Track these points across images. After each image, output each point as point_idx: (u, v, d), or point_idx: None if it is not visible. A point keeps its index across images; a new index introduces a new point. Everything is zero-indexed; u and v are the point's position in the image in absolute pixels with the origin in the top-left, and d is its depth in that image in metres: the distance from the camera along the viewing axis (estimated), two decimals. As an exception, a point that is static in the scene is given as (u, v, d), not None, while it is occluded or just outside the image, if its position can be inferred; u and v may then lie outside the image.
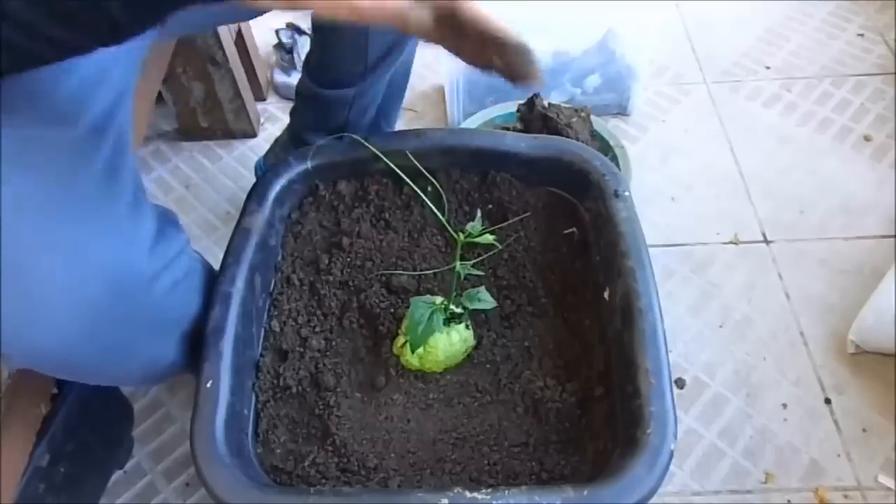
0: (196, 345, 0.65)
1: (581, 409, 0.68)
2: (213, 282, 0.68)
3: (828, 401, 0.88)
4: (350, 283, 0.78)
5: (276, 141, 1.05)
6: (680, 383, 0.90)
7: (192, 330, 0.65)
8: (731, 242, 1.05)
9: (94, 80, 0.56)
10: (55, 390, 0.71)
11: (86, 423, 0.75)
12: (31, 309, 0.50)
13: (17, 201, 0.49)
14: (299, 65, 1.27)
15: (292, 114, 0.99)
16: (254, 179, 0.99)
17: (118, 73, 0.59)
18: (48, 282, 0.50)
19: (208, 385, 0.62)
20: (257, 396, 0.69)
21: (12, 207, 0.49)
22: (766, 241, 1.05)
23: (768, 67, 1.32)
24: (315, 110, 0.91)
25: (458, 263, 0.68)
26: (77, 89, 0.55)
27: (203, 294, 0.67)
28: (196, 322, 0.65)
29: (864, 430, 0.86)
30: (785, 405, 0.88)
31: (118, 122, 0.58)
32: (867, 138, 1.18)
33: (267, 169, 0.86)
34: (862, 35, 1.37)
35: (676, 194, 1.12)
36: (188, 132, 1.22)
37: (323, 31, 0.84)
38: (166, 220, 0.63)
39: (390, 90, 0.93)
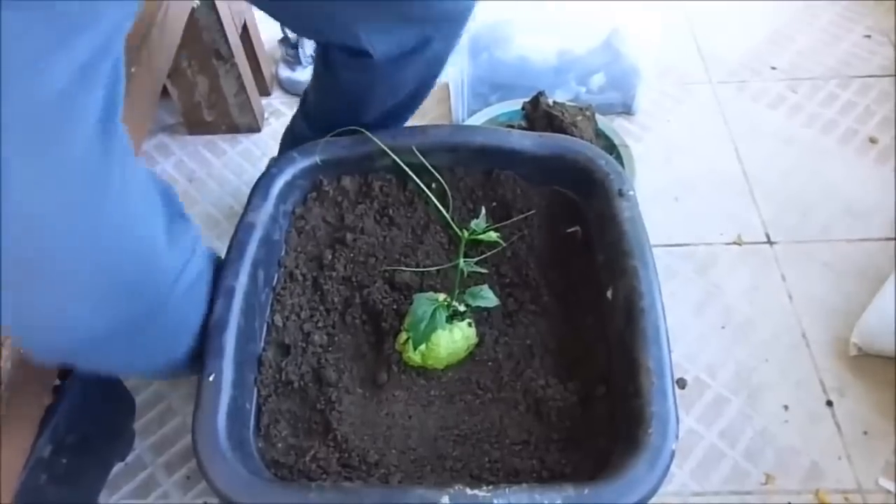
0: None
1: (582, 408, 0.68)
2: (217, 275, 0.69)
3: (829, 403, 0.88)
4: (353, 279, 0.78)
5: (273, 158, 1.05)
6: (681, 383, 0.90)
7: (200, 331, 0.65)
8: (734, 243, 1.05)
9: (78, 25, 0.46)
10: (58, 382, 0.71)
11: (88, 415, 0.75)
12: (55, 295, 0.51)
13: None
14: (304, 60, 1.26)
15: (283, 144, 0.98)
16: (257, 174, 0.99)
17: (110, 15, 0.49)
18: (69, 259, 0.50)
19: (210, 379, 0.62)
20: (259, 391, 0.69)
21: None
22: (770, 243, 1.05)
23: (774, 68, 1.32)
24: None
25: (461, 261, 0.68)
26: (57, 37, 0.45)
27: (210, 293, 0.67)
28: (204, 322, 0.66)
29: (865, 433, 0.85)
30: (786, 407, 0.88)
31: (110, 60, 0.50)
32: (872, 140, 1.18)
33: (270, 164, 0.86)
34: (869, 36, 1.36)
35: (680, 194, 1.12)
36: (192, 126, 1.22)
37: (326, 80, 0.83)
38: (173, 208, 0.62)
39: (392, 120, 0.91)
